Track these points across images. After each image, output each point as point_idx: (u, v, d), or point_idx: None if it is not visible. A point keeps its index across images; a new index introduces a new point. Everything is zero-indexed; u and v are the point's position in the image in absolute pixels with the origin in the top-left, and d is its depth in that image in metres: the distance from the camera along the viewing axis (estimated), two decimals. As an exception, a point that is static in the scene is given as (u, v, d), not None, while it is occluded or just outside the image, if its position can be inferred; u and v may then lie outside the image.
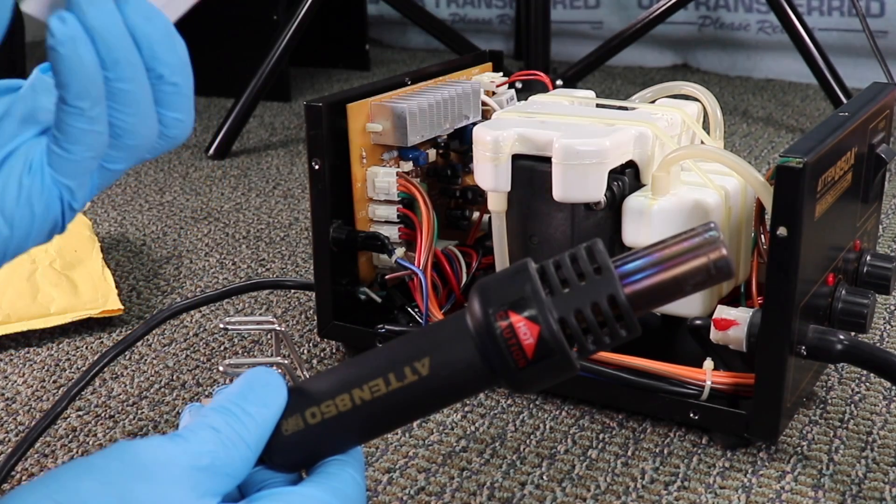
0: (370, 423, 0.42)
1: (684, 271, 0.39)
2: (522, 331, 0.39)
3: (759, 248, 0.70)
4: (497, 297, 0.40)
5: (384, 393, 0.41)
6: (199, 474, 0.38)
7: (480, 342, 0.40)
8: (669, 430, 0.70)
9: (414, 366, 0.41)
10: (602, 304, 0.39)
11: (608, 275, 0.39)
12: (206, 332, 0.87)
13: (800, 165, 0.58)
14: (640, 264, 0.40)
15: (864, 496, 0.62)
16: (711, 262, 0.39)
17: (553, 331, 0.39)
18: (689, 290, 0.40)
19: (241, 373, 0.65)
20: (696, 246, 0.39)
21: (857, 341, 0.64)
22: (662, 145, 0.72)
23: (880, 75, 1.44)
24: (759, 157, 1.38)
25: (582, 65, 1.64)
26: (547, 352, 0.39)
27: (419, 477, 0.65)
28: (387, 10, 2.16)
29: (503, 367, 0.40)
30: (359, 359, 0.42)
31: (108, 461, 0.37)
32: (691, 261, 0.39)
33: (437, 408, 0.43)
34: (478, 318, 0.40)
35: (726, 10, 1.91)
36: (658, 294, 0.40)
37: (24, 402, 0.76)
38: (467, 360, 0.40)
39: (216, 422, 0.39)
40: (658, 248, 0.40)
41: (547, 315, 0.39)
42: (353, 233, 0.77)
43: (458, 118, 0.81)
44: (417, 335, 0.42)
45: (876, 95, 0.73)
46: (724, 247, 0.39)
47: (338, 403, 0.41)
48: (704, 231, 0.40)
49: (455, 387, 0.41)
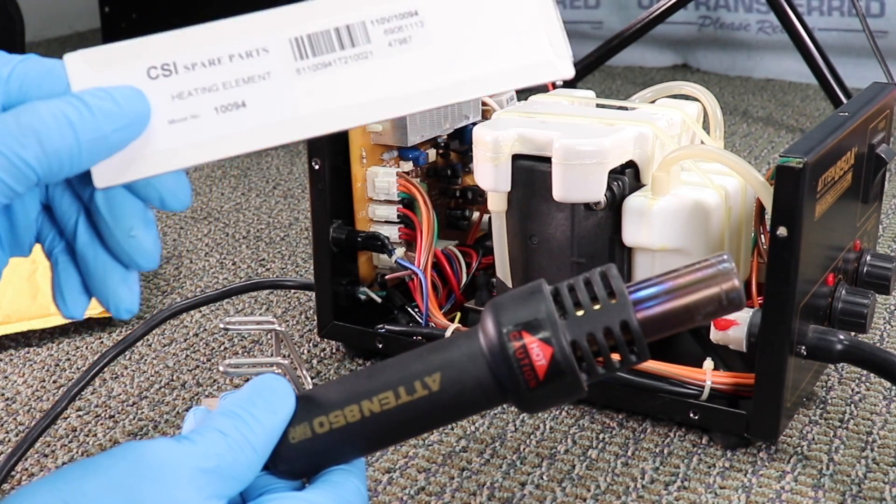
0: (377, 435, 0.42)
1: (697, 300, 0.40)
2: (535, 352, 0.39)
3: (759, 248, 0.70)
4: (511, 316, 0.40)
5: (393, 406, 0.41)
6: (206, 476, 0.38)
7: (492, 361, 0.40)
8: (669, 430, 0.70)
9: (425, 381, 0.41)
10: (615, 329, 0.40)
11: (623, 300, 0.40)
12: (206, 332, 0.87)
13: (800, 165, 0.58)
14: (654, 291, 0.40)
15: (864, 496, 0.62)
16: (724, 292, 0.40)
17: (566, 353, 0.39)
18: (700, 320, 0.40)
19: (241, 373, 0.65)
20: (710, 276, 0.40)
21: (857, 341, 0.64)
22: (662, 145, 0.72)
23: (880, 75, 1.44)
24: (759, 157, 1.38)
25: (582, 65, 1.64)
26: (558, 374, 0.39)
27: (419, 477, 0.65)
28: (387, 10, 2.16)
29: (514, 386, 0.40)
30: (369, 370, 0.42)
31: (115, 461, 0.37)
32: (704, 290, 0.40)
33: (445, 423, 0.43)
34: (491, 336, 0.40)
35: (726, 10, 1.91)
36: (670, 321, 0.40)
37: (24, 402, 0.76)
38: (478, 378, 0.41)
39: (224, 425, 0.40)
40: (672, 276, 0.41)
41: (560, 338, 0.39)
42: (353, 233, 0.77)
43: (458, 118, 0.81)
44: (429, 350, 0.42)
45: (876, 95, 0.73)
46: (737, 278, 0.40)
47: (346, 414, 0.41)
48: (718, 262, 0.40)
49: (464, 404, 0.41)
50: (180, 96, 0.38)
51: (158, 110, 0.38)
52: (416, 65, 0.39)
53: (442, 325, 0.76)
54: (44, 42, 2.35)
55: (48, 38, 2.39)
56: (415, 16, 0.39)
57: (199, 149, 0.39)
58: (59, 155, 0.35)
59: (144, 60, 0.38)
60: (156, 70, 0.38)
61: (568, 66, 0.39)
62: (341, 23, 0.39)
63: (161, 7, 1.80)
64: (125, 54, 0.38)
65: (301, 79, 0.39)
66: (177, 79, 0.38)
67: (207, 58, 0.39)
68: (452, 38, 0.39)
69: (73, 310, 0.41)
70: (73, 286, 0.41)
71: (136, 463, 0.37)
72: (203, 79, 0.39)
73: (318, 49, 0.39)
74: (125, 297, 0.41)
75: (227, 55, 0.39)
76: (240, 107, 0.39)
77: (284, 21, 0.39)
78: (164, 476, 0.37)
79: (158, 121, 0.38)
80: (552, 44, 0.39)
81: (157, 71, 0.38)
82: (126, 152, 0.38)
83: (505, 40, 0.39)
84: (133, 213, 0.40)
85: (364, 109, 0.39)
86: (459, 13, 0.39)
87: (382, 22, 0.39)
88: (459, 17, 0.39)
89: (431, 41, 0.39)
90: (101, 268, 0.40)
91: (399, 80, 0.39)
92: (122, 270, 0.40)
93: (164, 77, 0.38)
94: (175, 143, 0.38)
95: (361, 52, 0.39)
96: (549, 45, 0.39)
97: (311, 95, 0.39)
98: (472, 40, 0.39)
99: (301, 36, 0.39)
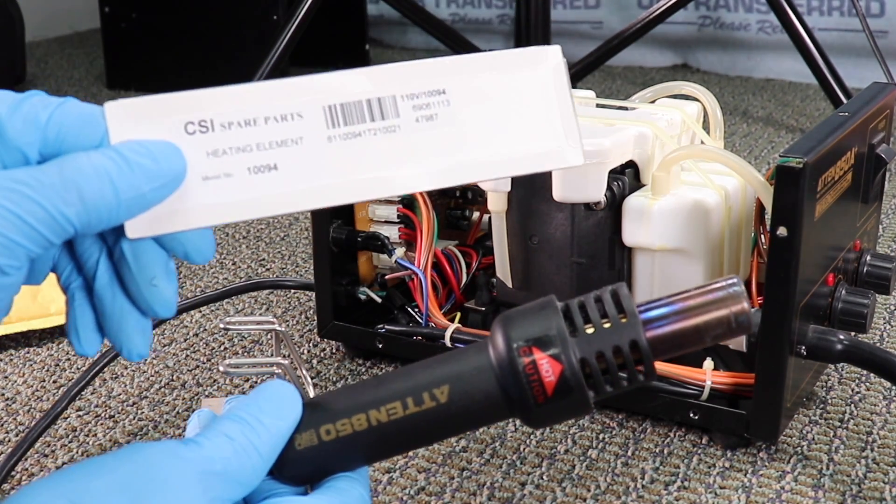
0: (383, 445, 0.42)
1: (706, 322, 0.40)
2: (545, 368, 0.40)
3: (759, 248, 0.70)
4: (521, 331, 0.40)
5: (401, 416, 0.41)
6: (211, 479, 0.38)
7: (502, 375, 0.40)
8: (669, 430, 0.70)
9: (433, 392, 0.41)
10: (624, 347, 0.40)
11: (633, 320, 0.40)
12: (206, 332, 0.87)
13: (800, 165, 0.58)
14: (664, 312, 0.41)
15: (864, 496, 0.62)
16: (733, 315, 0.40)
17: (575, 370, 0.40)
18: (708, 341, 0.41)
19: (241, 373, 0.65)
20: (720, 299, 0.40)
21: (857, 341, 0.64)
22: (662, 145, 0.72)
23: (880, 75, 1.44)
24: (759, 157, 1.38)
25: (582, 65, 1.64)
26: (566, 390, 0.40)
27: (419, 477, 0.65)
28: (387, 10, 2.16)
29: (522, 401, 0.40)
30: (377, 379, 0.43)
31: (122, 461, 0.37)
32: (713, 312, 0.40)
33: (451, 435, 0.43)
34: (501, 351, 0.40)
35: (726, 10, 1.91)
36: (678, 342, 0.41)
37: (24, 402, 0.76)
38: (487, 392, 0.41)
39: (231, 430, 0.40)
40: (682, 297, 0.41)
41: (570, 355, 0.40)
42: (353, 233, 0.77)
43: (458, 118, 0.81)
44: (438, 361, 0.42)
45: (876, 95, 0.73)
46: (747, 302, 0.40)
47: (354, 423, 0.41)
48: (728, 285, 0.41)
49: (471, 417, 0.42)
50: (215, 154, 0.39)
51: (193, 166, 0.39)
52: (438, 142, 0.40)
53: (442, 325, 0.76)
54: (44, 42, 2.35)
55: (48, 38, 2.39)
56: (442, 94, 0.40)
57: (230, 208, 0.39)
58: (98, 212, 0.36)
59: (183, 115, 0.39)
60: (193, 125, 0.39)
61: (578, 154, 0.41)
62: (373, 95, 0.40)
63: (161, 7, 1.80)
64: (164, 107, 0.39)
65: (331, 146, 0.40)
66: (213, 136, 0.39)
67: (244, 117, 0.39)
68: (474, 118, 0.40)
69: (87, 348, 0.41)
70: (88, 324, 0.41)
71: (142, 464, 0.37)
72: (238, 138, 0.39)
73: (349, 119, 0.40)
74: (139, 343, 0.41)
75: (263, 117, 0.39)
76: (271, 169, 0.39)
77: (321, 88, 0.40)
78: (171, 477, 0.37)
79: (193, 176, 0.39)
80: (566, 132, 0.41)
81: (195, 126, 0.39)
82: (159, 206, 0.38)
83: (521, 124, 0.41)
84: (157, 262, 0.40)
85: (386, 183, 0.40)
86: (483, 94, 0.41)
87: (412, 98, 0.40)
88: (483, 98, 0.41)
89: (455, 120, 0.40)
90: (119, 311, 0.40)
91: (421, 155, 0.40)
92: (138, 316, 0.40)
93: (200, 133, 0.39)
94: (207, 201, 0.39)
95: (390, 125, 0.40)
96: (562, 134, 0.41)
97: (338, 164, 0.40)
98: (491, 121, 0.41)
99: (335, 104, 0.40)
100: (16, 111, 0.37)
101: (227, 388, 0.77)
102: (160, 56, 1.83)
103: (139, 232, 0.38)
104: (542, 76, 0.41)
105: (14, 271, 0.35)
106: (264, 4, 1.74)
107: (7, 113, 0.37)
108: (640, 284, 0.70)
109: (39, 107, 0.37)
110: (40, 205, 0.35)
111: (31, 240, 0.35)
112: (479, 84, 0.41)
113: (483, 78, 0.41)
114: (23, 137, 0.37)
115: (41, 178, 0.35)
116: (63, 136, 0.37)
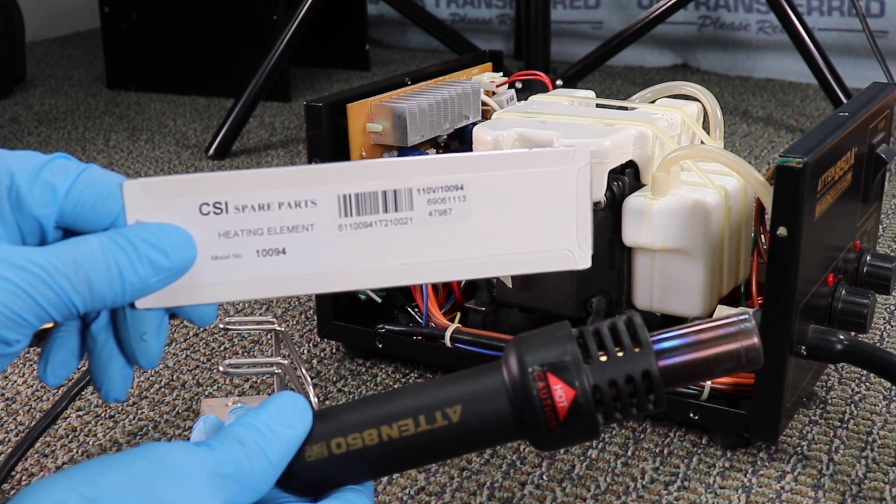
0: (393, 461, 0.42)
1: (717, 355, 0.41)
2: (559, 393, 0.40)
3: (759, 248, 0.70)
4: (536, 356, 0.41)
5: (412, 433, 0.41)
6: (223, 481, 0.38)
7: (515, 398, 0.41)
8: (669, 430, 0.70)
9: (445, 411, 0.41)
10: (636, 377, 0.40)
11: (647, 350, 0.41)
12: (206, 332, 0.87)
13: (800, 165, 0.58)
14: (676, 344, 0.41)
15: (864, 496, 0.62)
16: (744, 349, 0.41)
17: (588, 397, 0.40)
18: (718, 374, 0.41)
19: (240, 373, 0.65)
20: (732, 333, 0.41)
21: (857, 341, 0.64)
22: (662, 145, 0.72)
23: (880, 75, 1.44)
24: (759, 157, 1.38)
25: (582, 65, 1.64)
26: (578, 416, 0.40)
27: (419, 477, 0.65)
28: (387, 10, 2.16)
29: (534, 424, 0.41)
30: (390, 394, 0.43)
31: (135, 459, 0.38)
32: (725, 346, 0.41)
33: (460, 454, 0.44)
34: (515, 374, 0.41)
35: (726, 10, 1.91)
36: (689, 373, 0.41)
37: (24, 402, 0.76)
38: (499, 413, 0.41)
39: (242, 435, 0.40)
40: (694, 329, 0.41)
41: (584, 381, 0.40)
42: (353, 233, 0.77)
43: (458, 118, 0.81)
44: (451, 380, 0.43)
45: (876, 95, 0.73)
46: (758, 337, 0.41)
47: (364, 437, 0.42)
48: (741, 321, 0.41)
49: (482, 437, 0.42)
50: (227, 235, 0.40)
51: (204, 245, 0.40)
52: (449, 237, 0.41)
53: (442, 325, 0.76)
54: (44, 42, 2.35)
55: (48, 38, 2.39)
56: (460, 189, 0.41)
57: (235, 287, 0.41)
58: (104, 299, 0.38)
59: (199, 196, 0.40)
60: (208, 207, 0.40)
61: (586, 258, 0.42)
62: (389, 186, 0.40)
63: (161, 7, 1.80)
64: (181, 188, 0.40)
65: (341, 235, 0.40)
66: (226, 218, 0.40)
67: (258, 202, 0.40)
68: (489, 216, 0.41)
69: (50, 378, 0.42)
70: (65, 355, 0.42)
71: (155, 462, 0.38)
72: (251, 221, 0.40)
73: (362, 209, 0.40)
74: (117, 387, 0.42)
75: (277, 202, 0.40)
76: (280, 253, 0.40)
77: (337, 176, 0.40)
78: (183, 476, 0.37)
79: (203, 255, 0.40)
80: (578, 235, 0.41)
81: (209, 208, 0.40)
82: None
83: (536, 222, 0.41)
84: (152, 320, 0.42)
85: (391, 274, 0.41)
86: (501, 191, 0.41)
87: (428, 191, 0.40)
88: (500, 195, 0.41)
89: (469, 216, 0.41)
90: (107, 355, 0.42)
91: (430, 249, 0.41)
92: (123, 362, 0.42)
93: (214, 214, 0.40)
94: (215, 279, 0.40)
95: (402, 217, 0.41)
96: (574, 236, 0.41)
97: (346, 252, 0.41)
98: (506, 219, 0.41)
99: (349, 194, 0.40)
100: (35, 180, 0.39)
101: (227, 388, 0.77)
102: (160, 56, 1.83)
103: (146, 303, 0.40)
104: (566, 175, 0.41)
105: (17, 344, 0.37)
106: (264, 4, 1.74)
107: (27, 183, 0.39)
108: (640, 284, 0.70)
109: (59, 176, 0.39)
110: (53, 290, 0.37)
111: (39, 318, 0.37)
112: (499, 181, 0.41)
113: (504, 175, 0.41)
114: (40, 209, 0.39)
115: (57, 264, 0.37)
116: (79, 211, 0.39)
